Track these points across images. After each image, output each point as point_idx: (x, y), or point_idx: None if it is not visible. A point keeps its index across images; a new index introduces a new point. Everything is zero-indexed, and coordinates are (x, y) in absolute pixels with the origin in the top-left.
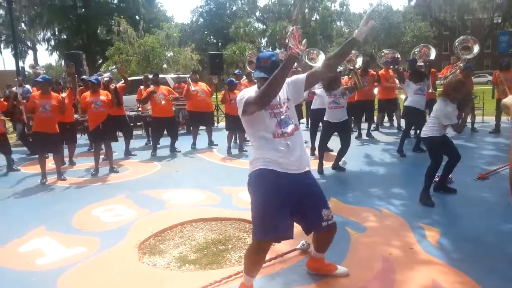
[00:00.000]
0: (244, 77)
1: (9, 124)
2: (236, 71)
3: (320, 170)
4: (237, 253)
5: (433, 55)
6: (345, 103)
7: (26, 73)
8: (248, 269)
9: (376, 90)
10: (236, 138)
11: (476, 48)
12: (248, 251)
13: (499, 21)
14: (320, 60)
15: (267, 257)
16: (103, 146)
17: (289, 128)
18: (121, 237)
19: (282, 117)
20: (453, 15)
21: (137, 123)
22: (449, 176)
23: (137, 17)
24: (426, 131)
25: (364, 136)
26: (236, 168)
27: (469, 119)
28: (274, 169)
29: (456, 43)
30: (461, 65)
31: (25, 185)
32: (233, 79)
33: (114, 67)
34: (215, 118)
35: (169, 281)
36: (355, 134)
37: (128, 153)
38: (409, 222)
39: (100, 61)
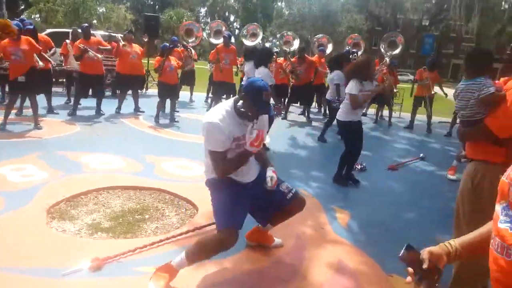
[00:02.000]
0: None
1: None
2: (172, 38)
3: None
4: (153, 224)
5: (362, 48)
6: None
7: None
8: (194, 258)
9: None
10: (165, 107)
11: (400, 46)
12: (207, 241)
13: (427, 23)
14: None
15: (185, 229)
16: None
17: None
18: (28, 199)
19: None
20: (387, 12)
21: (59, 79)
22: (363, 164)
23: None
24: (342, 114)
25: (295, 118)
26: (162, 138)
27: (386, 114)
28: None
29: (385, 36)
30: (387, 61)
31: None
32: (167, 44)
33: (37, 15)
34: (144, 84)
35: (77, 248)
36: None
37: (50, 110)
38: (323, 204)
39: (23, 7)
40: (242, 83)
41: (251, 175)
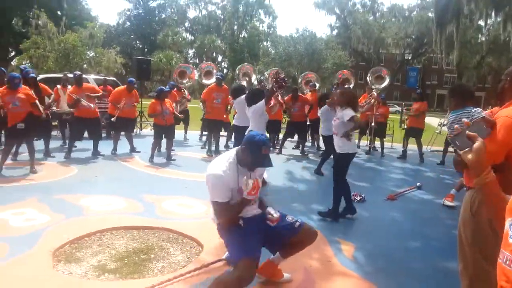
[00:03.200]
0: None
1: None
2: (170, 83)
3: None
4: (159, 263)
5: (352, 82)
6: None
7: None
8: None
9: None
10: (160, 146)
11: (387, 79)
12: (226, 279)
13: (410, 57)
14: (253, 77)
15: (192, 267)
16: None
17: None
18: (32, 243)
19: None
20: (370, 48)
21: (52, 123)
22: (362, 195)
23: (58, 12)
24: (343, 147)
25: (290, 152)
26: (160, 177)
27: (378, 145)
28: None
29: (370, 73)
30: (374, 93)
31: None
32: (163, 87)
33: (28, 62)
34: (138, 125)
35: None
36: (276, 150)
37: (47, 154)
38: (326, 236)
39: (13, 53)
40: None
41: (255, 208)
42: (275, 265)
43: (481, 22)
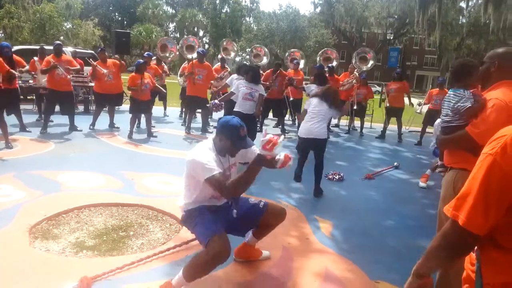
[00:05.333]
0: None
1: None
2: (146, 53)
3: None
4: (139, 240)
5: (335, 61)
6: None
7: None
8: (194, 275)
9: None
10: (139, 122)
11: (371, 62)
12: (201, 256)
13: (391, 37)
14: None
15: (172, 244)
16: None
17: None
18: (8, 219)
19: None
20: (352, 27)
21: (28, 96)
22: (341, 174)
23: None
24: (325, 131)
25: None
26: (139, 153)
27: (358, 124)
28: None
29: (358, 50)
30: (356, 74)
31: None
32: (141, 60)
33: (1, 32)
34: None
35: (64, 267)
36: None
37: (23, 128)
38: (305, 214)
39: None
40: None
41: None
42: (251, 245)
43: (463, 4)
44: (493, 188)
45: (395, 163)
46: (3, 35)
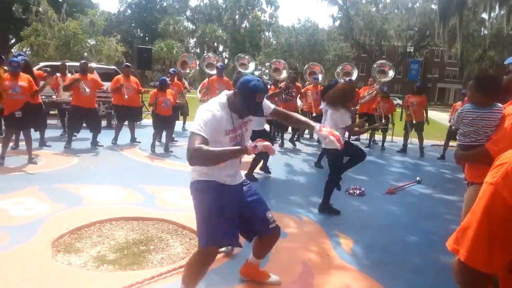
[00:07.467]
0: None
1: None
2: (171, 70)
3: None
4: (159, 254)
5: (355, 75)
6: None
7: None
8: (189, 280)
9: (299, 102)
10: (161, 137)
11: (391, 73)
12: (192, 261)
13: (412, 50)
14: (250, 68)
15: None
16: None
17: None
18: (32, 233)
19: (238, 139)
20: (372, 40)
21: (50, 111)
22: (362, 189)
23: None
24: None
25: (286, 144)
26: (160, 168)
27: (379, 138)
28: (214, 179)
29: (375, 65)
30: (377, 87)
31: None
32: (166, 78)
33: (28, 49)
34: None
35: (85, 281)
36: (279, 142)
37: (43, 143)
38: (325, 229)
39: (13, 40)
40: None
41: (238, 178)
42: (254, 266)
43: (485, 15)
44: (495, 221)
45: (418, 178)
46: (30, 52)
